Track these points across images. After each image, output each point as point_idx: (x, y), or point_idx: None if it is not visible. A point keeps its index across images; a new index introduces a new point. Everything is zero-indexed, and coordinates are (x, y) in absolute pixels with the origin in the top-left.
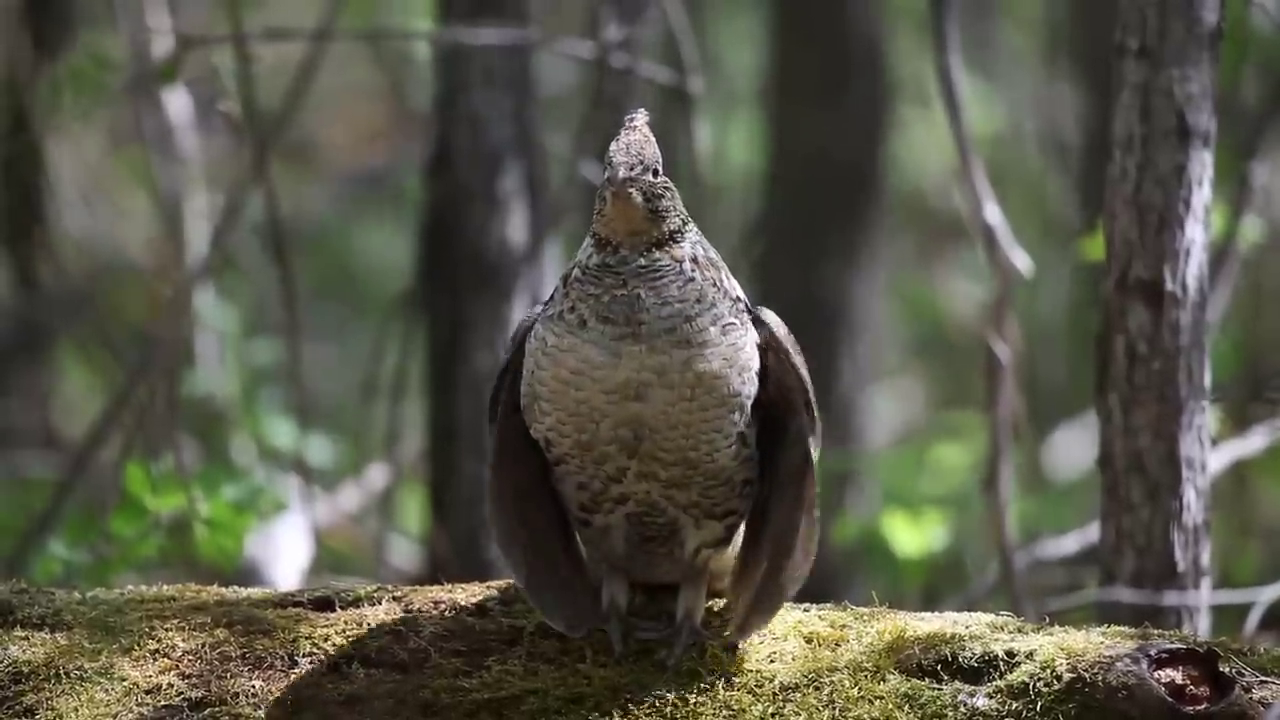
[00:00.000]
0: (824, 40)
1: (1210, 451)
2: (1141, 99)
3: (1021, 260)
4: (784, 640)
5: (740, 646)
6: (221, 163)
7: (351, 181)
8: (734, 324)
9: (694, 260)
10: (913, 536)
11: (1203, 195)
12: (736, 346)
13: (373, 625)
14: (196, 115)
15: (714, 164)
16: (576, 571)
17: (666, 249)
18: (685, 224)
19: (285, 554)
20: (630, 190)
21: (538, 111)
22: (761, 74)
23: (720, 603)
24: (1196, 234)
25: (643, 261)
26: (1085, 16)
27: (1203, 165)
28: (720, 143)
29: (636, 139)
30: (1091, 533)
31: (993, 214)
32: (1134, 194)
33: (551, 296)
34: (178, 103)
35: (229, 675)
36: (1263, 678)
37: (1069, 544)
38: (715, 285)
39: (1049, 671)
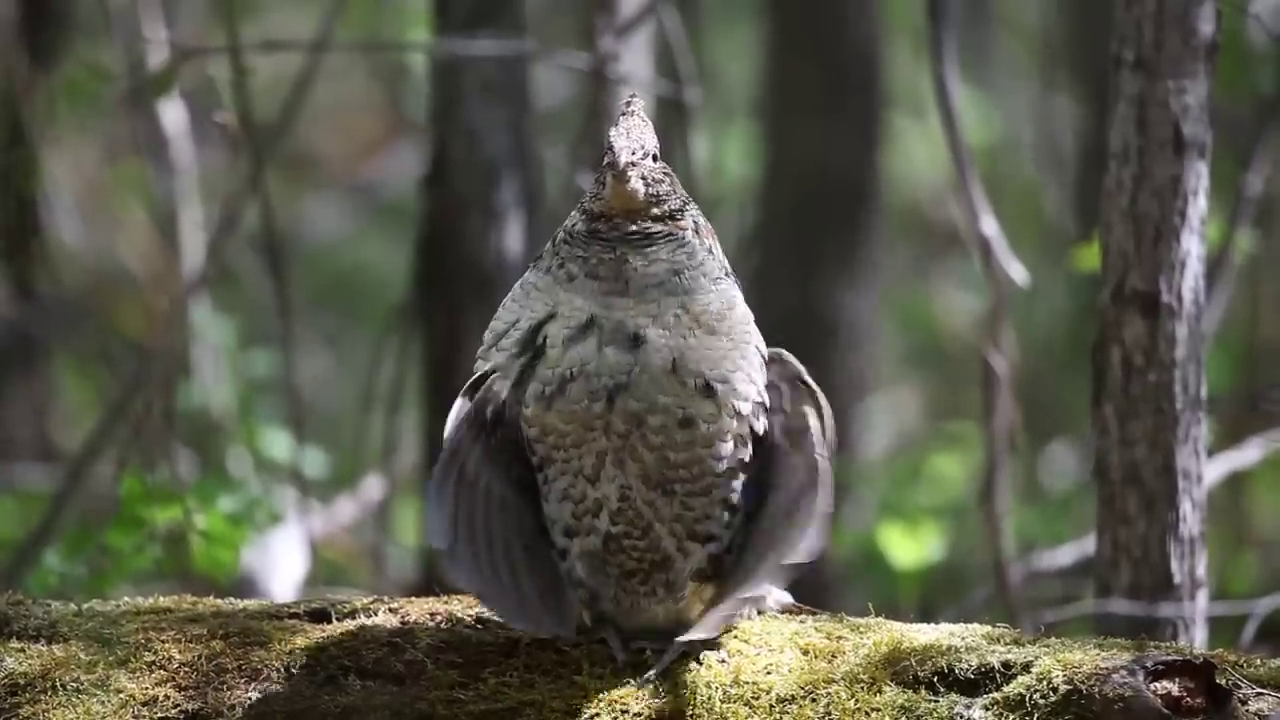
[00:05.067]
0: (821, 52)
1: (1206, 463)
2: (1138, 110)
3: (1018, 271)
4: (780, 652)
5: (732, 661)
6: (218, 174)
7: (348, 193)
8: (722, 279)
9: (695, 230)
10: (909, 548)
11: (1199, 207)
12: (732, 295)
13: (369, 637)
14: (193, 126)
15: (711, 175)
16: (547, 581)
17: (665, 225)
18: (686, 204)
19: (281, 566)
20: (631, 175)
21: (534, 123)
22: (758, 86)
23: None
24: (1192, 245)
25: (634, 228)
26: (1082, 28)
27: (1199, 177)
28: (717, 154)
29: (636, 124)
30: (1088, 544)
31: (989, 225)
32: (1130, 205)
33: (539, 256)
34: (174, 114)
35: (225, 687)
36: (1259, 689)
37: (1065, 556)
38: (710, 251)
39: (1045, 683)
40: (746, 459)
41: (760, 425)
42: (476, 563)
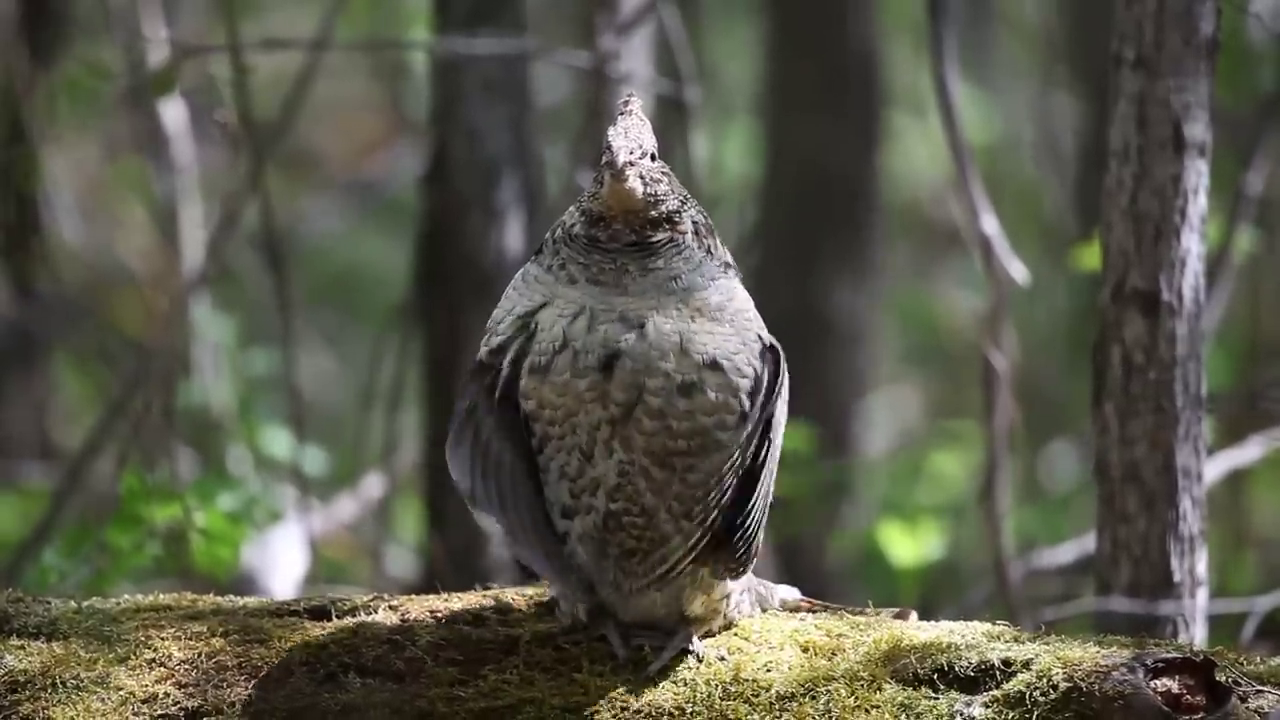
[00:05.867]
0: (821, 51)
1: (1206, 461)
2: (1138, 109)
3: (1018, 270)
4: (780, 649)
5: (732, 658)
6: (218, 172)
7: (349, 191)
8: (720, 276)
9: (695, 233)
10: (909, 546)
11: (1199, 205)
12: (731, 287)
13: (369, 634)
14: (193, 125)
15: (711, 173)
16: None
17: (664, 229)
18: (684, 203)
19: (281, 563)
20: (629, 174)
21: (535, 121)
22: (758, 84)
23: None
24: (1192, 244)
25: (633, 238)
26: (1082, 26)
27: (1199, 175)
28: (717, 152)
29: (634, 123)
30: (1088, 542)
31: (989, 224)
32: (1130, 204)
33: (540, 249)
34: (174, 112)
35: (225, 684)
36: (1259, 687)
37: (1065, 554)
38: (709, 251)
39: (1045, 681)
40: (743, 439)
41: (747, 407)
42: (496, 509)
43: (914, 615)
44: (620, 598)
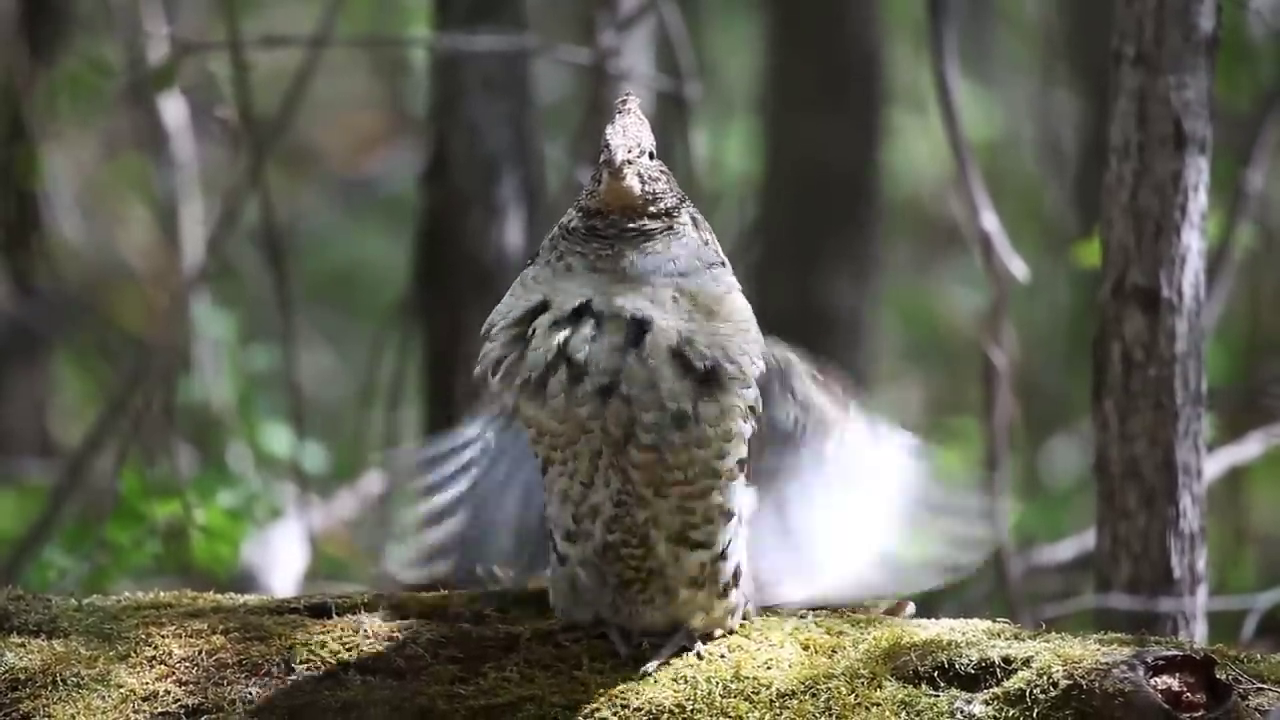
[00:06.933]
0: (821, 47)
1: (1206, 458)
2: (1138, 106)
3: (1018, 267)
4: (780, 647)
5: (733, 656)
6: (218, 169)
7: (348, 187)
8: (717, 265)
9: (694, 224)
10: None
11: (1199, 202)
12: (729, 281)
13: (369, 632)
14: (193, 121)
15: (711, 170)
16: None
17: (662, 220)
18: (682, 201)
19: (282, 561)
20: (627, 172)
21: (535, 118)
22: (759, 81)
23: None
24: (1193, 241)
25: (631, 226)
26: (1083, 23)
27: (1199, 172)
28: (717, 149)
29: (632, 122)
30: (1088, 539)
31: (989, 221)
32: (1130, 201)
33: (537, 252)
34: (174, 109)
35: (225, 682)
36: (1259, 684)
37: (1065, 550)
38: (706, 243)
39: (1045, 678)
40: (744, 456)
41: (749, 426)
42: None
43: (910, 606)
44: (621, 619)
